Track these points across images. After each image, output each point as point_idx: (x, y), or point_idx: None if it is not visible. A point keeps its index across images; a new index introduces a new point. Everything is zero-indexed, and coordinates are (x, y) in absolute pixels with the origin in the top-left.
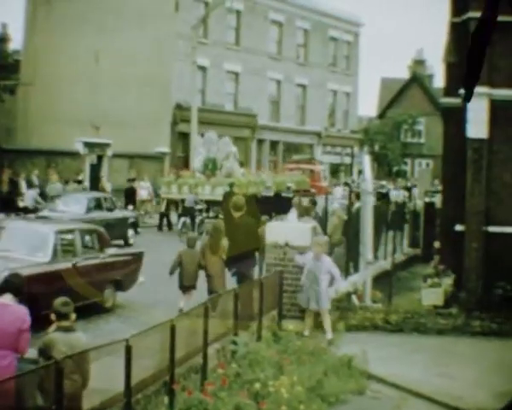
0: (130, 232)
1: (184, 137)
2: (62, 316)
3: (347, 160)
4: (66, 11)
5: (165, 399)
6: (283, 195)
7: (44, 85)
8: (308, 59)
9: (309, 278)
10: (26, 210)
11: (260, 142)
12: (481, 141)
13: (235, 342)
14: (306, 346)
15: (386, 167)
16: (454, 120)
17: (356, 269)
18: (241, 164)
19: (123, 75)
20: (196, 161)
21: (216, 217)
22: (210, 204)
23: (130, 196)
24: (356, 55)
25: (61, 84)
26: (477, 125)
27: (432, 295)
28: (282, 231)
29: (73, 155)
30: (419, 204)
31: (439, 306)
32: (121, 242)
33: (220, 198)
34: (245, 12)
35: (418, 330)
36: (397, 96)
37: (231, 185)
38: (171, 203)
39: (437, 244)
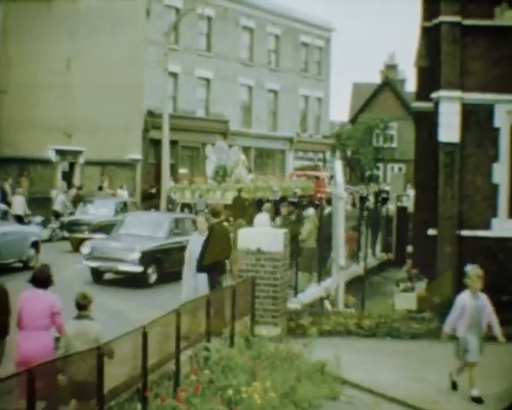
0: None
1: (156, 144)
2: (82, 307)
3: (319, 165)
4: (38, 19)
5: (138, 406)
6: (290, 199)
7: (16, 93)
8: (279, 65)
9: (471, 324)
10: (57, 214)
11: (232, 148)
12: (453, 145)
13: (207, 349)
14: (279, 351)
15: (358, 172)
16: (426, 124)
17: (328, 274)
18: (249, 170)
19: (94, 82)
20: (208, 169)
21: (227, 220)
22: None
23: None
24: (327, 60)
25: (34, 92)
26: (449, 129)
27: (405, 299)
28: (255, 236)
29: (45, 162)
30: (391, 209)
31: (412, 310)
32: None
33: (230, 202)
34: (216, 18)
35: (391, 335)
36: (369, 100)
37: (240, 190)
38: (186, 207)
39: (409, 249)
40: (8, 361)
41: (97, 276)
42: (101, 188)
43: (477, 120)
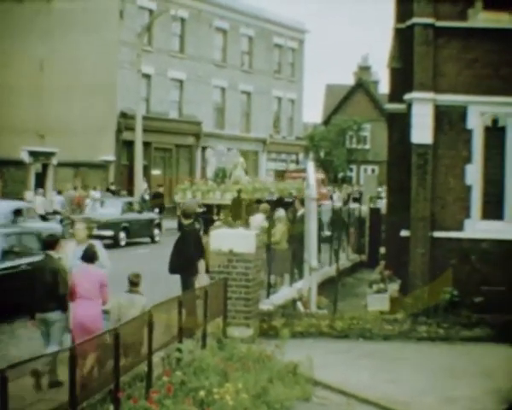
0: (156, 231)
1: (129, 145)
2: (133, 283)
3: (292, 167)
4: (10, 19)
5: (111, 407)
6: (286, 200)
7: None
8: (253, 66)
9: None
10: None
11: (205, 149)
12: (426, 146)
13: (179, 350)
14: (251, 353)
15: (331, 174)
16: (399, 125)
17: (301, 275)
18: (246, 172)
19: (68, 83)
20: (208, 171)
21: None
22: (221, 208)
23: None
24: (301, 61)
25: (6, 93)
26: (421, 130)
27: (377, 300)
28: (227, 238)
29: (18, 164)
30: (364, 210)
31: (384, 311)
32: (148, 239)
33: (229, 202)
34: (189, 20)
35: (364, 336)
36: (342, 102)
37: (239, 191)
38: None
39: (382, 250)
40: None
41: None
42: (108, 189)
43: (450, 122)
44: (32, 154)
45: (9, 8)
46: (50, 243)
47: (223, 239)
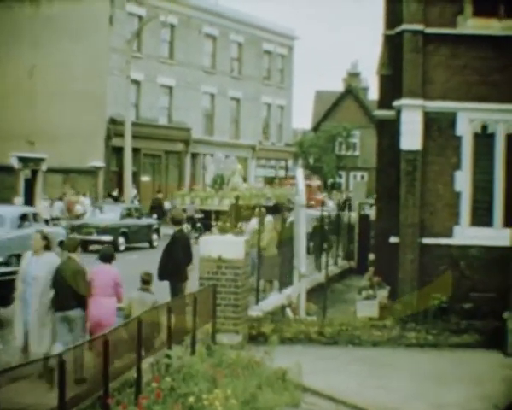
0: (155, 236)
1: (118, 152)
2: (145, 282)
3: (282, 173)
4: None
5: None
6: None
7: None
8: (242, 72)
9: None
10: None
11: (194, 156)
12: (415, 153)
13: (169, 356)
14: (241, 359)
15: (320, 180)
16: (388, 132)
17: (290, 282)
18: (244, 179)
19: (57, 89)
20: (207, 177)
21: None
22: (219, 213)
23: None
24: (290, 68)
25: None
26: (411, 136)
27: (367, 307)
28: (216, 244)
29: (8, 169)
30: (353, 216)
31: (373, 318)
32: (147, 244)
33: (227, 208)
34: (179, 26)
35: (353, 343)
36: (331, 108)
37: (237, 198)
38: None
39: (371, 256)
40: None
41: None
42: (110, 195)
43: (439, 128)
44: (22, 159)
45: None
46: (71, 246)
47: (212, 246)
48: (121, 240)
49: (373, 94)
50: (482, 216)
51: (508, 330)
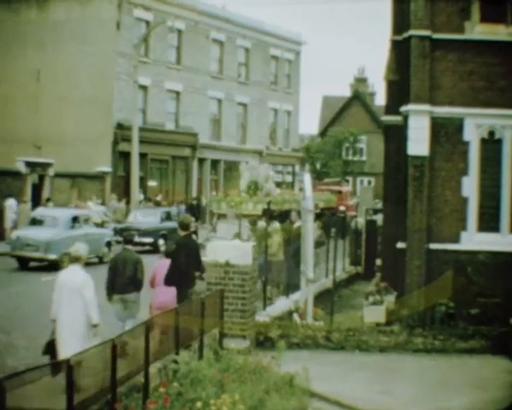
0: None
1: (125, 157)
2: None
3: (289, 178)
4: (6, 30)
5: None
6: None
7: None
8: (249, 78)
9: None
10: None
11: (201, 161)
12: (422, 158)
13: (176, 361)
14: (248, 364)
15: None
16: (395, 137)
17: (297, 287)
18: (277, 185)
19: (64, 94)
20: (241, 183)
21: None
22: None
23: None
24: (297, 73)
25: (2, 104)
26: (418, 142)
27: (374, 312)
28: (223, 249)
29: (15, 174)
30: (361, 222)
31: (381, 323)
32: None
33: (260, 213)
34: (186, 31)
35: (360, 348)
36: (338, 114)
37: (269, 203)
38: (221, 216)
39: (378, 262)
40: None
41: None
42: (149, 199)
43: (446, 134)
44: (29, 164)
45: (6, 19)
46: (129, 239)
47: (219, 251)
48: (161, 241)
49: (380, 99)
50: (489, 222)
51: None
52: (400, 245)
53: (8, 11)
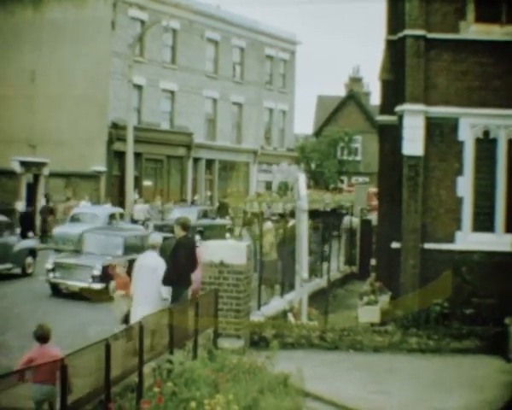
0: (227, 235)
1: (120, 156)
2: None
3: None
4: (1, 30)
5: None
6: (338, 211)
7: None
8: (244, 77)
9: None
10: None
11: (196, 160)
12: (417, 158)
13: (170, 361)
14: (242, 364)
15: (322, 185)
16: (390, 137)
17: (291, 287)
18: (308, 186)
19: (59, 94)
20: (273, 184)
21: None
22: (283, 216)
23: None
24: (292, 73)
25: None
26: (413, 142)
27: (368, 312)
28: (218, 249)
29: (9, 173)
30: (355, 221)
31: (375, 323)
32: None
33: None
34: (181, 30)
35: (354, 348)
36: (333, 113)
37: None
38: (255, 216)
39: (373, 262)
40: None
41: None
42: (183, 200)
43: (441, 134)
44: (24, 164)
45: (1, 19)
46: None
47: (214, 250)
48: (197, 237)
49: (375, 99)
50: (484, 221)
51: (509, 335)
52: (395, 245)
53: (3, 11)
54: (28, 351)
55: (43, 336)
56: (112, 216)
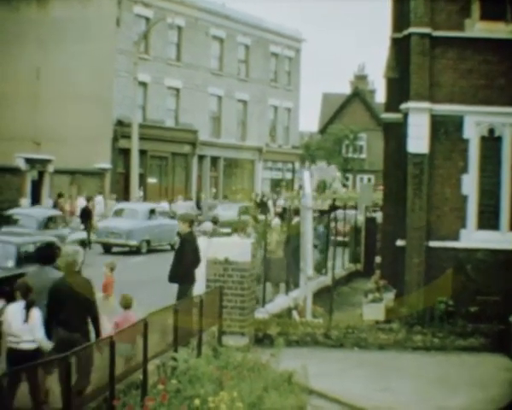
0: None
1: (125, 153)
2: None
3: (289, 175)
4: (5, 27)
5: None
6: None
7: None
8: (249, 75)
9: None
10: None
11: (201, 158)
12: (422, 156)
13: (175, 359)
14: (247, 362)
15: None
16: (395, 135)
17: (296, 284)
18: (343, 185)
19: (64, 91)
20: (313, 183)
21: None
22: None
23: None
24: (297, 70)
25: (2, 101)
26: (418, 140)
27: (373, 310)
28: (222, 246)
29: (14, 171)
30: (360, 219)
31: (380, 321)
32: None
33: (327, 208)
34: (186, 28)
35: (359, 346)
36: (338, 111)
37: (334, 200)
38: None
39: (378, 259)
40: None
41: None
42: (226, 196)
43: (446, 132)
44: (29, 161)
45: (5, 17)
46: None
47: (218, 247)
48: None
49: (380, 97)
50: (489, 220)
51: None
52: (400, 243)
53: (8, 9)
54: (115, 316)
55: (126, 304)
56: (152, 211)
